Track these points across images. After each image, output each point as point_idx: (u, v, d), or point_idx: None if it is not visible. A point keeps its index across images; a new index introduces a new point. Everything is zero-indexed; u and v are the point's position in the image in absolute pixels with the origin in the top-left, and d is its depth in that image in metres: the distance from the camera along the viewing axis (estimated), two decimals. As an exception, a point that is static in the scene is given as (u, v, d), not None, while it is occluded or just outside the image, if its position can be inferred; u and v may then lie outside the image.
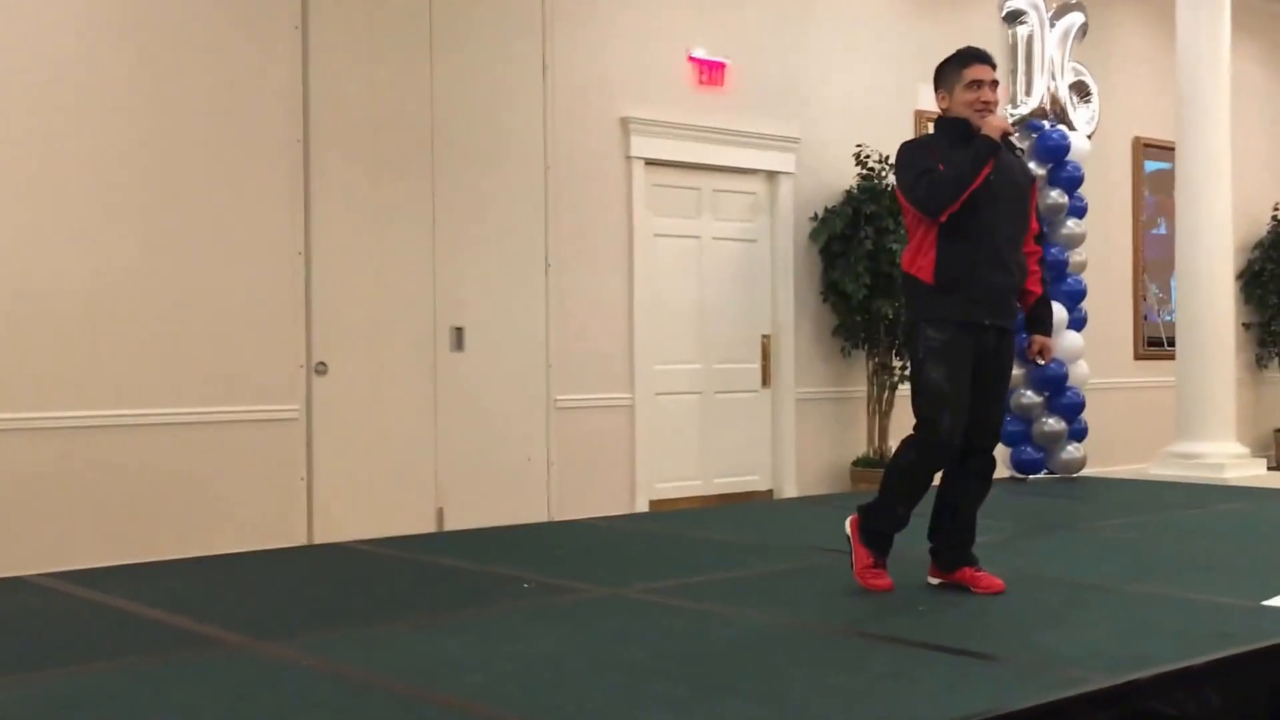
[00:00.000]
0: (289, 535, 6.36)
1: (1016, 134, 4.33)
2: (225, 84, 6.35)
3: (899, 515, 4.24)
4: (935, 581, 4.31)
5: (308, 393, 6.56)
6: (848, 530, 4.35)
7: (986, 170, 4.12)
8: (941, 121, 4.32)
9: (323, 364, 6.61)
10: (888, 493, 4.28)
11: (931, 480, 4.27)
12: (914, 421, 4.31)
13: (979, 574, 4.25)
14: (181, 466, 6.17)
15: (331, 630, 3.82)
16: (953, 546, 4.29)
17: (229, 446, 6.29)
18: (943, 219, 4.12)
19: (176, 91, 6.23)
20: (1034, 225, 4.40)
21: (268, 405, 6.43)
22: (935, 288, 4.17)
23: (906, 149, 4.35)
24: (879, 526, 4.28)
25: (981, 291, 4.17)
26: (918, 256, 4.21)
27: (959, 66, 4.27)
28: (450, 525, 6.89)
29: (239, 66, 6.39)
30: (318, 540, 6.41)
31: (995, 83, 4.28)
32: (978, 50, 4.33)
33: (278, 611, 4.22)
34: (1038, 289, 4.42)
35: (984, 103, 4.20)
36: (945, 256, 4.15)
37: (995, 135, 4.15)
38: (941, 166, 4.14)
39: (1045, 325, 4.49)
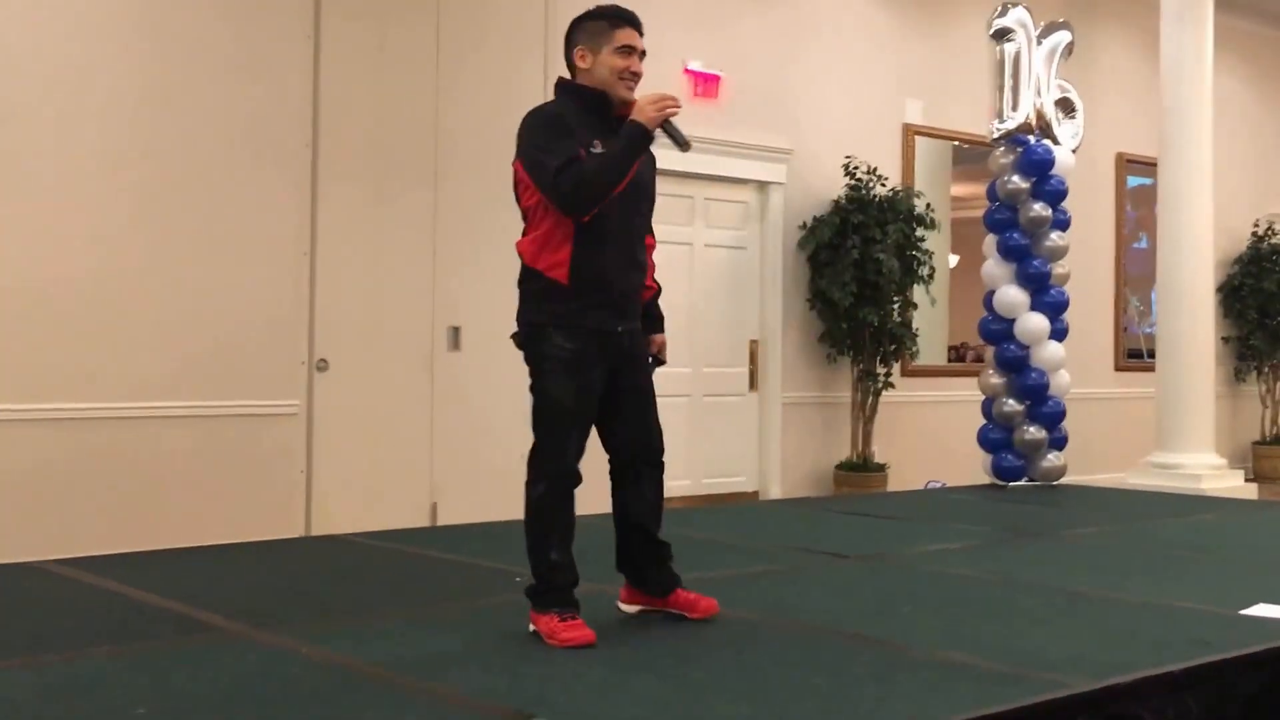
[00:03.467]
0: (288, 527, 6.50)
1: (678, 113, 3.66)
2: (237, 90, 6.49)
3: (556, 563, 3.57)
4: (634, 609, 3.87)
5: (309, 389, 6.69)
6: (531, 629, 3.59)
7: (636, 166, 3.55)
8: (574, 88, 3.66)
9: (324, 361, 6.74)
10: (533, 541, 3.63)
11: (573, 511, 3.70)
12: (534, 446, 3.75)
13: (692, 595, 3.84)
14: (185, 458, 6.30)
15: (327, 619, 3.89)
16: (659, 568, 3.86)
17: (232, 439, 6.43)
18: (586, 220, 3.50)
19: (190, 97, 6.36)
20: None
21: (270, 400, 6.57)
22: (569, 290, 3.53)
23: (538, 125, 3.56)
24: (546, 586, 3.58)
25: (619, 294, 3.62)
26: (545, 251, 3.53)
27: (609, 26, 3.64)
28: (444, 520, 7.01)
29: (251, 73, 6.53)
30: (315, 532, 6.53)
31: (644, 53, 3.71)
32: (630, 12, 3.71)
33: (275, 600, 4.27)
34: (654, 284, 3.91)
35: (633, 74, 3.64)
36: (582, 255, 3.52)
37: (652, 126, 3.53)
38: (583, 152, 3.46)
39: (661, 321, 3.96)
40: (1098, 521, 6.45)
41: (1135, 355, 11.14)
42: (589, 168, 3.46)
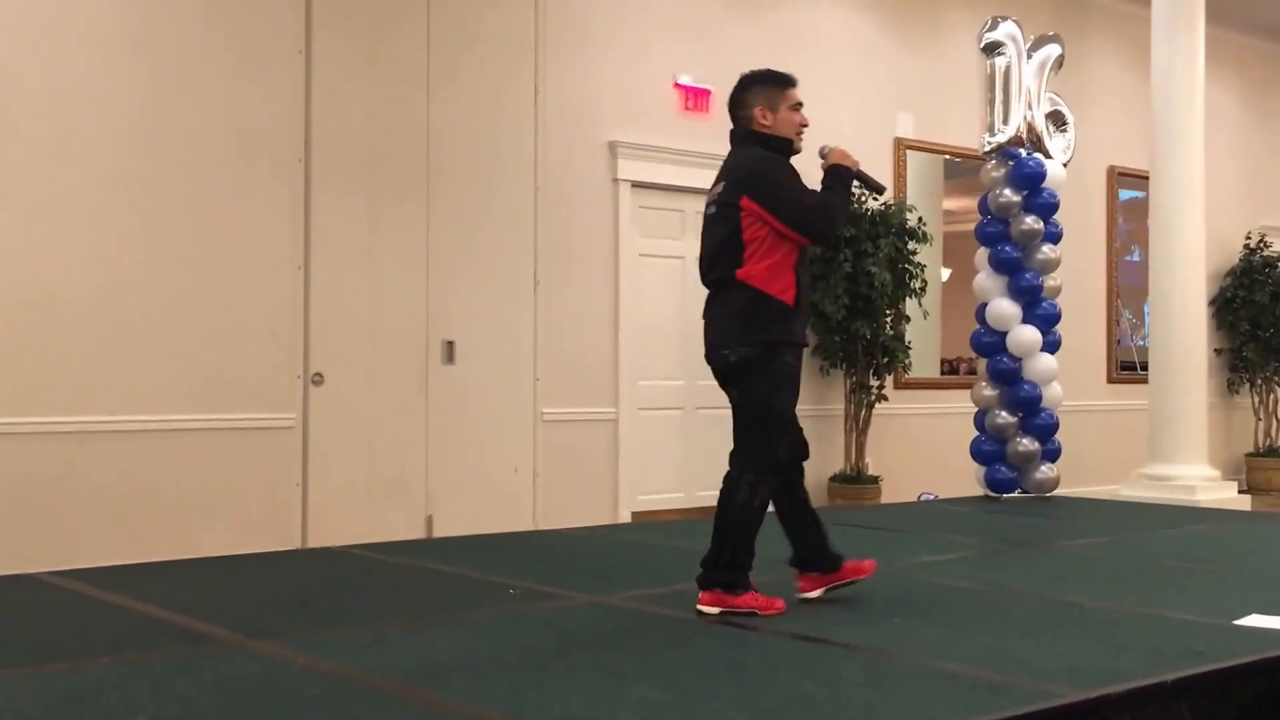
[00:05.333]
0: (284, 539, 6.52)
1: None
2: (230, 104, 6.53)
3: (753, 553, 4.08)
4: (817, 594, 4.28)
5: (304, 402, 6.72)
6: (714, 609, 4.02)
7: None
8: (773, 141, 4.22)
9: (319, 375, 6.77)
10: (742, 537, 4.04)
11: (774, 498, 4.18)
12: (743, 449, 4.13)
13: (855, 561, 4.35)
14: (182, 471, 6.32)
15: (323, 630, 3.91)
16: (827, 546, 4.30)
17: (228, 452, 6.45)
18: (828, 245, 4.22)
19: (184, 111, 6.40)
20: None
21: (266, 414, 6.59)
22: (794, 310, 4.09)
23: (778, 171, 4.16)
24: (740, 574, 4.05)
25: (808, 318, 4.31)
26: (776, 277, 4.05)
27: (782, 87, 4.28)
28: (439, 532, 7.03)
29: (244, 88, 6.57)
30: (311, 544, 6.55)
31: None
32: (793, 75, 4.35)
33: (272, 611, 4.30)
34: None
35: (804, 126, 4.30)
36: (801, 279, 4.12)
37: (854, 167, 4.28)
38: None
39: None
40: (1091, 533, 6.48)
41: (1128, 367, 11.17)
42: (835, 204, 4.18)
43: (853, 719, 2.97)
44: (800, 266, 4.14)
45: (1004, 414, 8.07)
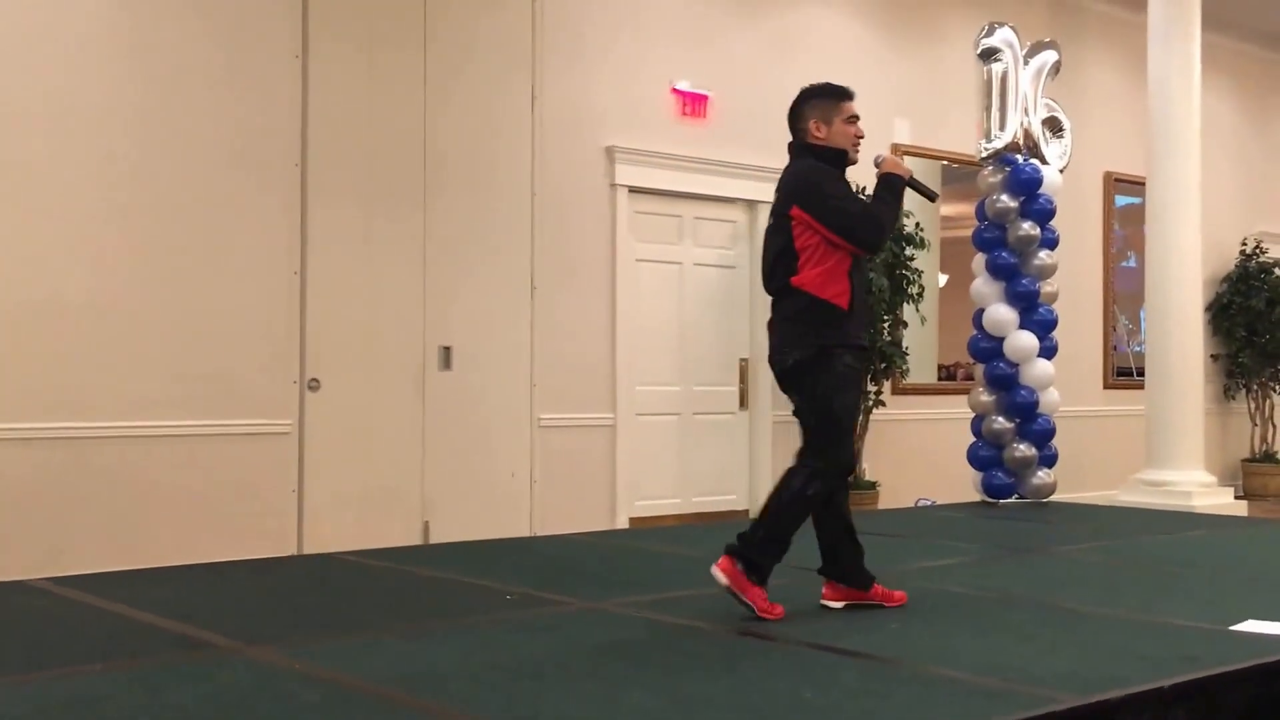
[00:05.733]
0: (280, 545, 6.51)
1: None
2: (227, 109, 6.53)
3: (787, 546, 4.18)
4: (840, 605, 4.32)
5: (300, 408, 6.71)
6: (724, 579, 4.12)
7: None
8: (824, 152, 4.35)
9: (315, 380, 6.77)
10: (784, 526, 4.16)
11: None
12: (811, 450, 4.23)
13: (885, 590, 4.37)
14: (178, 477, 6.32)
15: (320, 637, 3.91)
16: (861, 564, 4.35)
17: (224, 458, 6.45)
18: (877, 252, 4.29)
19: (180, 116, 6.40)
20: None
21: (262, 419, 6.59)
22: (849, 313, 4.21)
23: (826, 181, 4.29)
24: (767, 562, 4.17)
25: (865, 320, 4.47)
26: (830, 283, 4.18)
27: (837, 100, 4.41)
28: (435, 539, 7.03)
29: (241, 93, 6.57)
30: (307, 550, 6.55)
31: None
32: (849, 88, 4.49)
33: (268, 618, 4.31)
34: None
35: (860, 138, 4.43)
36: (855, 284, 4.24)
37: (905, 175, 4.40)
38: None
39: None
40: (1088, 539, 6.49)
41: (1124, 373, 11.19)
42: (883, 213, 4.29)
43: (851, 725, 2.97)
44: (855, 272, 4.25)
45: (1001, 419, 8.07)
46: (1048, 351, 8.15)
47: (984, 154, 8.19)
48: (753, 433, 8.73)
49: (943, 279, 9.99)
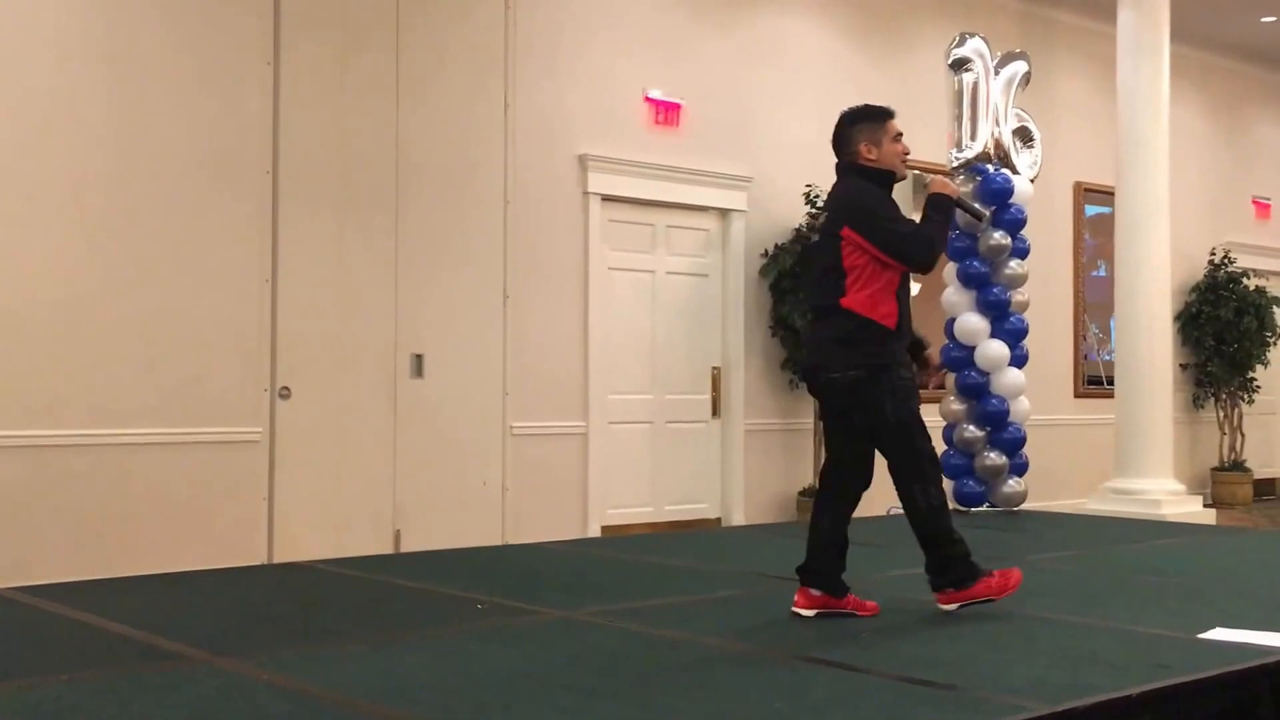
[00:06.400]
0: (250, 554, 6.48)
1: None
2: (198, 115, 6.50)
3: (960, 541, 4.33)
4: (811, 613, 4.31)
5: (271, 416, 6.68)
6: (952, 608, 4.31)
7: None
8: (873, 173, 4.44)
9: (286, 388, 6.73)
10: (944, 536, 4.29)
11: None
12: (899, 463, 4.31)
13: (859, 599, 4.39)
14: (148, 485, 6.28)
15: (290, 647, 3.89)
16: (839, 574, 4.37)
17: (194, 467, 6.41)
18: (927, 271, 4.44)
19: (151, 122, 6.37)
20: None
21: (233, 427, 6.55)
22: (898, 333, 4.32)
23: (875, 200, 4.37)
24: (964, 566, 4.31)
25: (910, 331, 4.48)
26: (879, 304, 4.27)
27: (883, 120, 4.51)
28: (407, 547, 7.00)
29: (212, 99, 6.55)
30: (278, 559, 6.51)
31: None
32: (889, 107, 4.63)
33: (238, 628, 4.28)
34: None
35: (907, 153, 4.55)
36: (902, 305, 4.34)
37: (954, 196, 4.49)
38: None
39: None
40: (1058, 547, 6.51)
41: (1095, 382, 11.26)
42: (932, 233, 4.37)
43: (821, 734, 2.98)
44: (902, 291, 4.35)
45: (972, 428, 8.11)
46: (1018, 360, 8.19)
47: (955, 163, 8.24)
48: (725, 441, 8.74)
49: (915, 288, 10.01)
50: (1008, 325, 8.16)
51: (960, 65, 8.22)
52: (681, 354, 8.57)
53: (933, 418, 8.49)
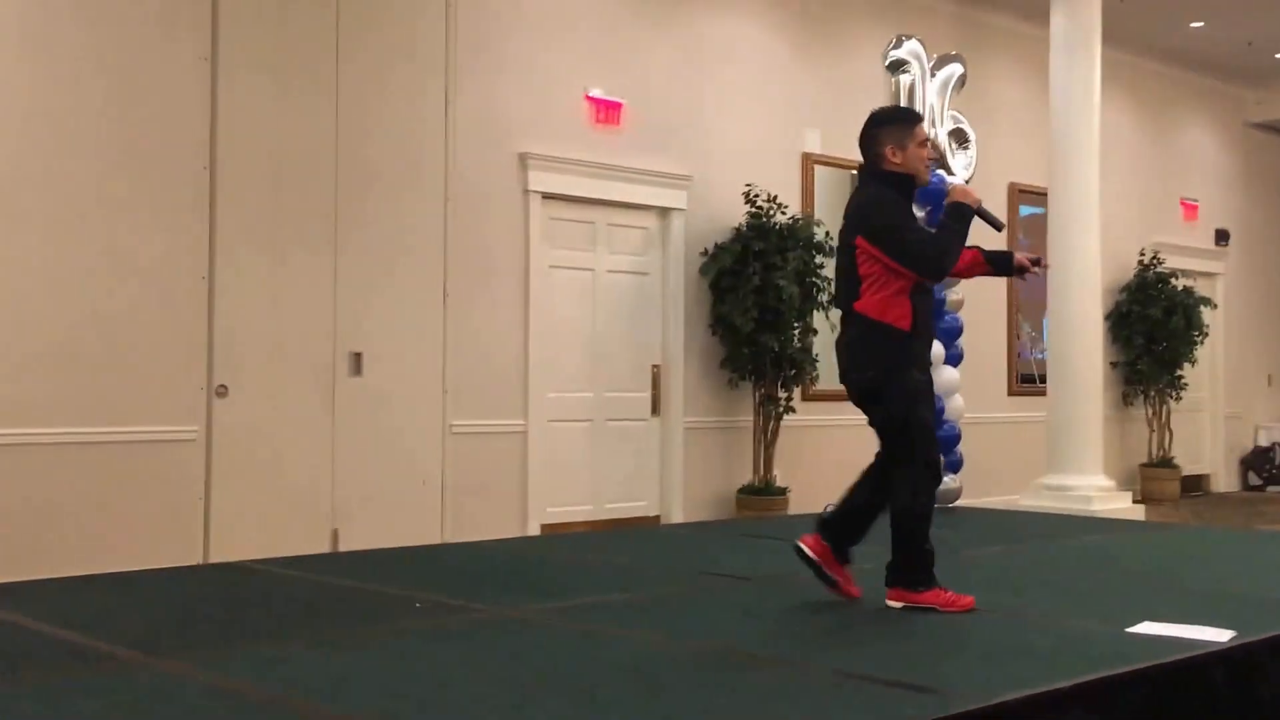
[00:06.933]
0: (185, 554, 6.41)
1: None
2: (133, 111, 6.42)
3: (930, 549, 4.37)
4: (814, 556, 4.46)
5: (207, 415, 6.61)
6: (897, 605, 4.36)
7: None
8: (893, 177, 4.44)
9: (223, 386, 6.66)
10: (915, 539, 4.33)
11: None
12: (900, 460, 4.38)
13: (850, 579, 4.53)
14: (82, 485, 6.19)
15: (226, 648, 3.85)
16: (853, 544, 4.52)
17: (128, 466, 6.32)
18: (941, 279, 4.42)
19: (86, 116, 6.28)
20: None
21: (168, 426, 6.47)
22: (911, 335, 4.34)
23: (889, 208, 4.41)
24: (922, 573, 4.36)
25: (930, 339, 4.56)
26: (891, 308, 4.31)
27: (910, 125, 4.50)
28: (345, 546, 6.96)
29: (148, 95, 6.46)
30: (214, 559, 6.44)
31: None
32: (919, 112, 4.63)
33: (173, 629, 4.22)
34: (968, 252, 4.61)
35: (933, 159, 4.56)
36: (917, 308, 4.34)
37: (974, 204, 4.43)
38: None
39: (1003, 253, 4.86)
40: (991, 543, 6.60)
41: (1028, 380, 11.43)
42: (945, 243, 4.35)
43: (759, 730, 3.00)
44: (917, 295, 4.35)
45: (908, 425, 8.17)
46: (953, 359, 8.28)
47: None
48: (665, 439, 8.78)
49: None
50: (943, 324, 8.23)
51: (897, 67, 8.29)
52: (621, 352, 8.59)
53: (870, 415, 8.59)
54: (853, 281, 4.38)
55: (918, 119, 4.59)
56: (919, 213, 8.16)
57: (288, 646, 3.87)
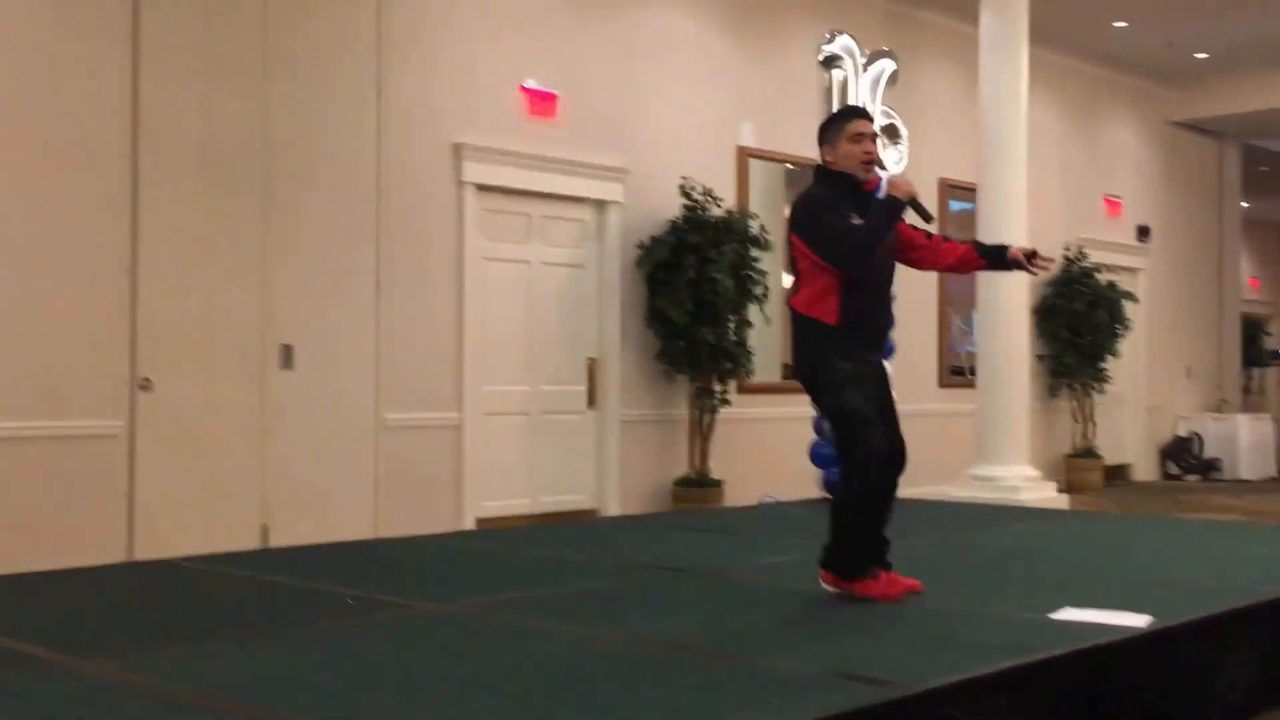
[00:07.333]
0: (110, 552, 6.28)
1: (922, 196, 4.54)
2: (51, 94, 6.27)
3: (870, 541, 4.43)
4: (836, 590, 4.47)
5: (131, 409, 6.48)
6: (829, 589, 4.44)
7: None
8: (828, 174, 4.50)
9: (147, 380, 6.54)
10: (851, 530, 4.39)
11: (887, 496, 4.45)
12: (840, 451, 4.45)
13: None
14: (0, 481, 6.03)
15: (153, 647, 3.80)
16: (888, 545, 4.55)
17: (49, 462, 6.19)
18: (862, 274, 4.38)
19: (0, 103, 6.11)
20: (916, 235, 4.66)
21: (90, 420, 6.34)
22: (839, 328, 4.39)
23: (814, 204, 4.47)
24: (858, 563, 4.40)
25: (874, 333, 4.55)
26: (818, 302, 4.40)
27: (841, 122, 4.54)
28: (276, 542, 6.87)
29: (66, 78, 6.32)
30: (140, 556, 6.33)
31: (875, 135, 4.56)
32: (859, 107, 4.66)
33: (98, 629, 4.16)
34: (961, 246, 4.76)
35: (868, 154, 4.47)
36: (847, 303, 4.38)
37: (904, 198, 4.39)
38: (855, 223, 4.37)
39: (998, 246, 4.85)
40: (921, 533, 6.65)
41: (958, 372, 11.58)
42: (865, 236, 4.34)
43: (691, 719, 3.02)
44: (849, 290, 4.38)
45: (841, 418, 8.25)
46: (886, 352, 8.34)
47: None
48: (601, 432, 8.77)
49: (787, 280, 10.17)
50: (876, 318, 8.33)
51: (830, 62, 8.36)
52: (557, 345, 8.57)
53: (804, 408, 8.65)
54: (795, 277, 4.51)
55: (850, 115, 4.63)
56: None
57: (218, 645, 3.82)
